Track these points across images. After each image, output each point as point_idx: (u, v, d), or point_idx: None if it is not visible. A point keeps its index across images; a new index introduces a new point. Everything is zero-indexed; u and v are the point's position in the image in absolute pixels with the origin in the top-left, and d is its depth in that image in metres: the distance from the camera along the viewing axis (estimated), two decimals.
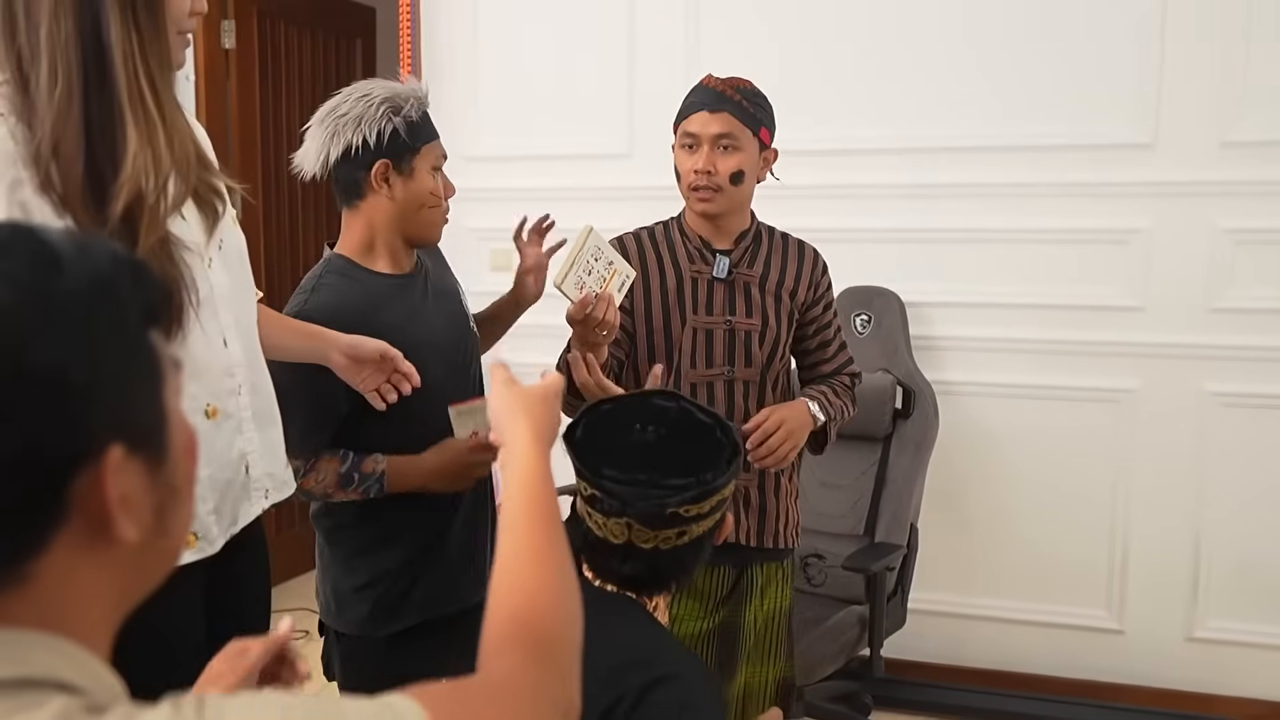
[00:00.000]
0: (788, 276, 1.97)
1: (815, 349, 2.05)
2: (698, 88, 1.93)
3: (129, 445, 0.60)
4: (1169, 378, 2.85)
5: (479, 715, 0.70)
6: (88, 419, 0.58)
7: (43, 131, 1.22)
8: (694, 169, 1.88)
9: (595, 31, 3.19)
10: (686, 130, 1.90)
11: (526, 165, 3.25)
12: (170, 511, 0.65)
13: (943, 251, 2.98)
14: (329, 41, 4.11)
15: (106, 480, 0.59)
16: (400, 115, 1.72)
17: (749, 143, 1.89)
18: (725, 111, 1.87)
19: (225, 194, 1.44)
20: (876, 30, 2.98)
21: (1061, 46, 2.85)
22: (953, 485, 3.01)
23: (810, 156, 3.02)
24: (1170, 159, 2.80)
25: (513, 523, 0.87)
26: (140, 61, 1.25)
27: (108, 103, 1.24)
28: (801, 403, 1.93)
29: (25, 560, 0.58)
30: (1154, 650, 2.92)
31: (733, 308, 1.93)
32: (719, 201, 1.89)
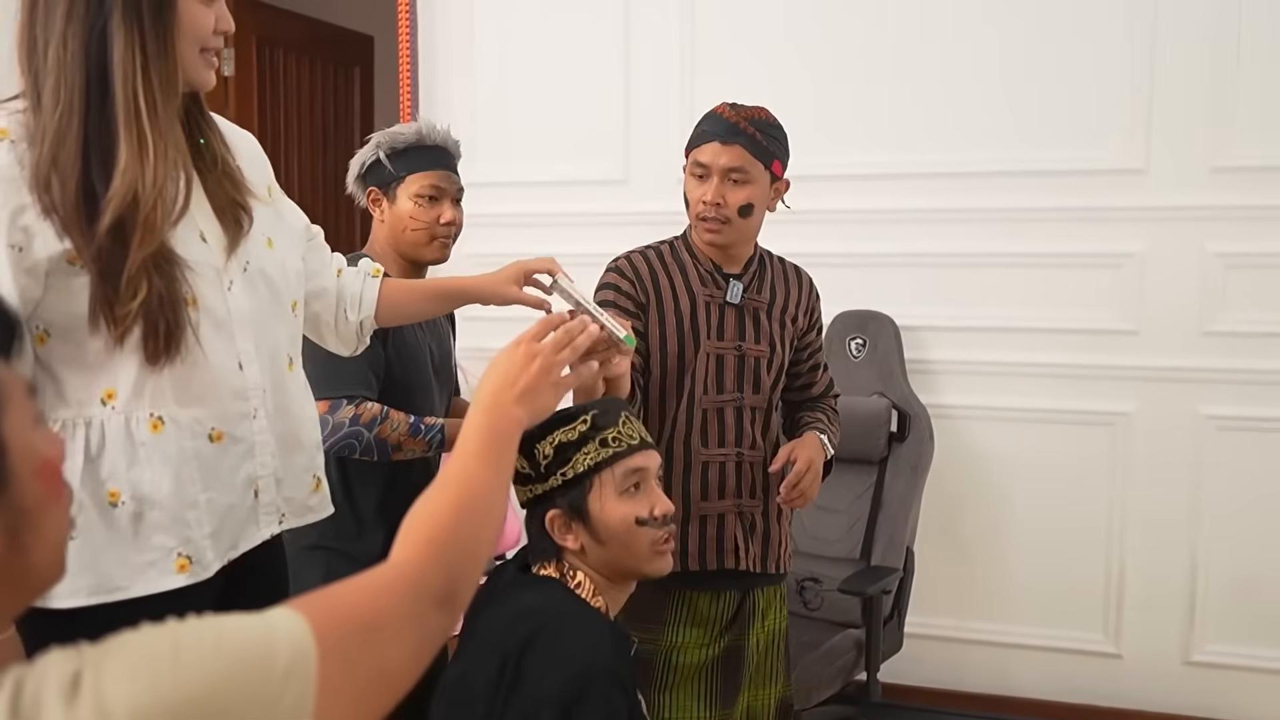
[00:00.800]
0: (790, 303, 1.99)
1: (807, 372, 2.06)
2: (711, 116, 1.91)
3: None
4: (1163, 401, 2.87)
5: (355, 610, 0.74)
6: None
7: (43, 150, 1.24)
8: (703, 199, 1.87)
9: (591, 58, 3.22)
10: (698, 160, 1.89)
11: (523, 191, 3.27)
12: (25, 531, 0.66)
13: (937, 276, 3.00)
14: (327, 69, 4.14)
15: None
16: (389, 150, 2.02)
17: (760, 175, 1.88)
18: (738, 145, 1.86)
19: (251, 211, 1.43)
20: (870, 59, 3.01)
21: (1054, 74, 2.88)
22: (948, 509, 3.01)
23: (805, 182, 3.03)
24: (1162, 184, 2.83)
25: (459, 453, 1.04)
26: (141, 81, 1.26)
27: (106, 122, 1.25)
28: (814, 437, 1.95)
29: None
30: (1152, 674, 2.91)
31: (743, 333, 1.93)
32: (726, 234, 1.89)
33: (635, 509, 1.49)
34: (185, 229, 1.33)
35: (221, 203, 1.40)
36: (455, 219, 2.06)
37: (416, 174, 2.02)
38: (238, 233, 1.41)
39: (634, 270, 1.92)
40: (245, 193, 1.43)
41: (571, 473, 1.49)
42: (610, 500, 1.49)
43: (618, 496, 1.49)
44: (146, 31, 1.27)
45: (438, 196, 2.03)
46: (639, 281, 1.91)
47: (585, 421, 1.51)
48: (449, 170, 2.06)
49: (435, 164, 2.04)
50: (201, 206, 1.38)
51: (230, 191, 1.41)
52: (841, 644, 2.61)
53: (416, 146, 2.04)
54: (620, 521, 1.48)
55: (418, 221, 2.02)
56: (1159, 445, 2.87)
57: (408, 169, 2.03)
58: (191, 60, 1.34)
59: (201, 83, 1.37)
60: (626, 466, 1.49)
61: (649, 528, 1.48)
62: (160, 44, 1.28)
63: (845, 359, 2.98)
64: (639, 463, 1.50)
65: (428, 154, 2.04)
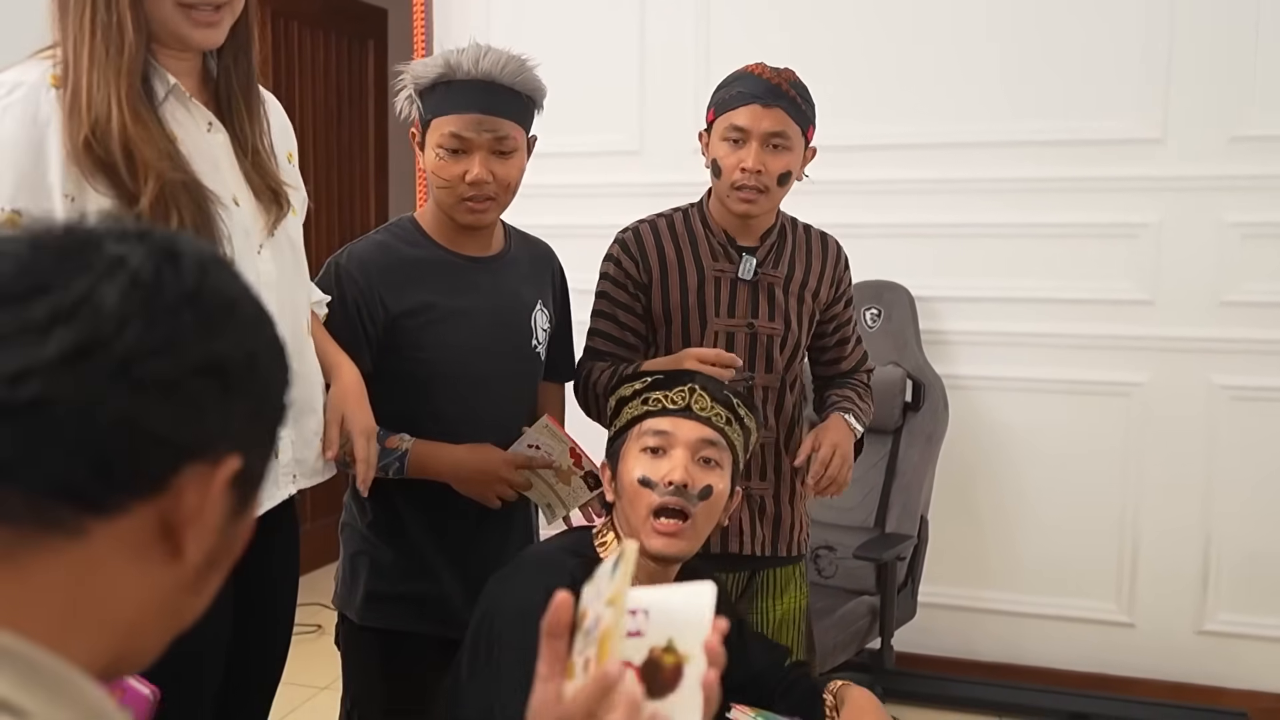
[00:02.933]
0: (811, 276, 1.88)
1: (834, 346, 1.97)
2: (747, 77, 1.76)
3: (242, 466, 0.62)
4: (1178, 371, 2.86)
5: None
6: (233, 419, 0.61)
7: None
8: (742, 166, 1.73)
9: (606, 29, 3.21)
10: (734, 123, 1.74)
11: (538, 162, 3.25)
12: (214, 568, 0.64)
13: (953, 246, 2.99)
14: (341, 42, 4.14)
15: (215, 484, 0.60)
16: (416, 86, 1.67)
17: (798, 142, 1.77)
18: (780, 108, 1.73)
19: (287, 194, 1.44)
20: (886, 26, 2.99)
21: (1071, 42, 2.86)
22: (962, 479, 3.02)
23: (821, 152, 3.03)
24: (1179, 154, 2.82)
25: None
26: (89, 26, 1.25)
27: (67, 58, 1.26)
28: (840, 419, 1.86)
29: (102, 510, 0.57)
30: (1164, 643, 2.93)
31: (756, 310, 1.83)
32: (761, 203, 1.77)
33: (645, 468, 1.47)
34: (217, 189, 1.34)
35: (258, 186, 1.41)
36: (485, 175, 1.64)
37: (440, 118, 1.64)
38: (278, 213, 1.42)
39: (639, 244, 1.83)
40: (279, 179, 1.44)
41: (618, 425, 1.55)
42: (631, 455, 1.50)
43: (638, 453, 1.49)
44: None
45: (463, 149, 1.64)
46: (642, 259, 1.83)
47: (645, 381, 1.55)
48: (485, 112, 1.63)
49: (462, 105, 1.63)
50: (237, 178, 1.39)
51: (265, 178, 1.42)
52: (856, 610, 2.63)
53: (442, 82, 1.64)
54: (628, 475, 1.48)
55: (439, 178, 1.66)
56: (1174, 415, 2.87)
57: (433, 111, 1.65)
58: (170, 15, 1.29)
59: (189, 40, 1.32)
60: (654, 426, 1.50)
61: (653, 492, 1.45)
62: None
63: (860, 329, 2.98)
64: (666, 426, 1.49)
65: (455, 93, 1.63)
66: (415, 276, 1.70)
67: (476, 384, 1.71)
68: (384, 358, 1.69)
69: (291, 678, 1.65)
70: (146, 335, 0.57)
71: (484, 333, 1.71)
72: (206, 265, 0.62)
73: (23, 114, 1.25)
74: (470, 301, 1.70)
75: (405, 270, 1.70)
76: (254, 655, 1.52)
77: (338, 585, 1.82)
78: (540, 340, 1.81)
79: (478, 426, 1.72)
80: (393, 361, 1.68)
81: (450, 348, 1.70)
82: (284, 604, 1.58)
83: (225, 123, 1.40)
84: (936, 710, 2.92)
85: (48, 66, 1.28)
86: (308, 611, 3.38)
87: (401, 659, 1.74)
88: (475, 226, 1.71)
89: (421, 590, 1.74)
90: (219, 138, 1.39)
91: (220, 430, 0.60)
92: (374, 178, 4.37)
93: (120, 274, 0.58)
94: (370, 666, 1.77)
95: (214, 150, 1.38)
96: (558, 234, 2.06)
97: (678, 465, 1.45)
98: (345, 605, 1.79)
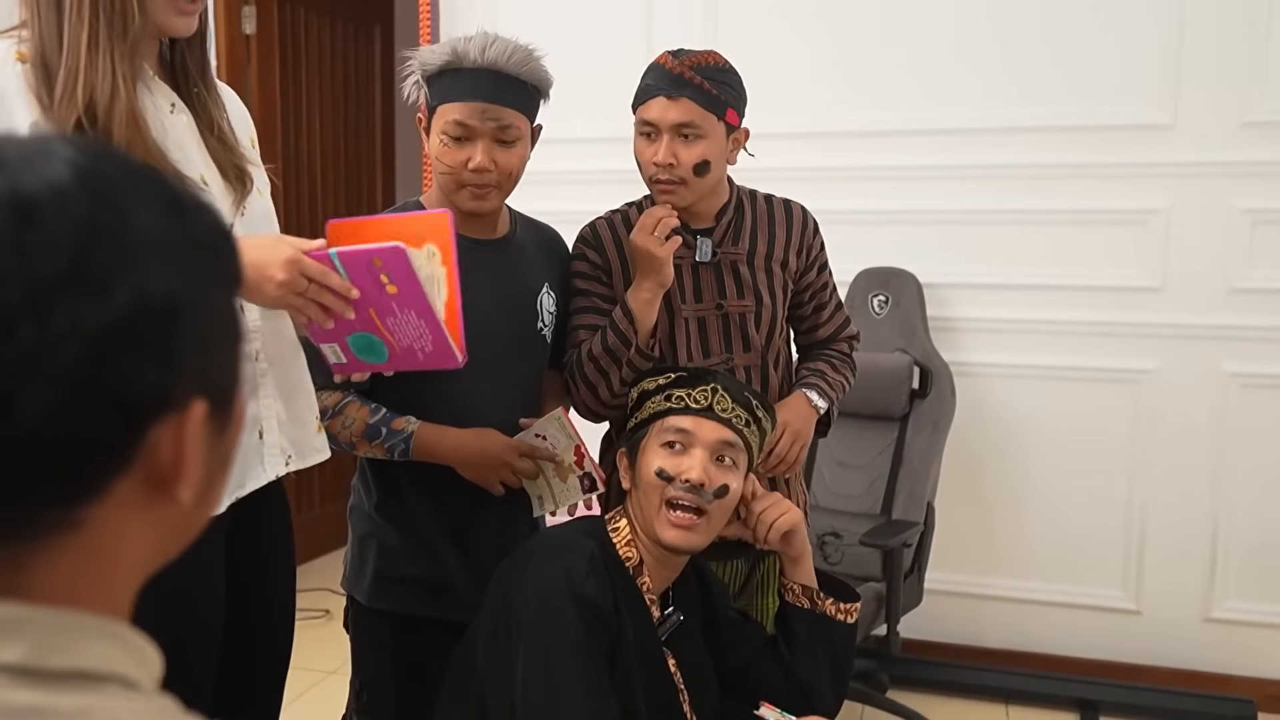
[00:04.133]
0: (777, 246, 1.84)
1: (810, 314, 1.93)
2: (654, 69, 1.75)
3: (210, 403, 0.59)
4: (1187, 358, 2.86)
5: None
6: (186, 364, 0.57)
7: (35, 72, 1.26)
8: (654, 160, 1.72)
9: (614, 14, 3.20)
10: (644, 118, 1.73)
11: (543, 150, 3.25)
12: (216, 480, 0.64)
13: (960, 233, 2.98)
14: (347, 28, 4.13)
15: (187, 433, 0.57)
16: (423, 72, 1.68)
17: (714, 128, 1.72)
18: (684, 97, 1.70)
19: (249, 171, 1.45)
20: (894, 12, 2.98)
21: (1081, 27, 2.85)
22: (970, 466, 3.02)
23: (829, 138, 3.03)
24: (1189, 140, 2.80)
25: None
26: (89, 13, 1.26)
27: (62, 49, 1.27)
28: (800, 397, 1.84)
29: (84, 502, 0.56)
30: (1171, 630, 2.93)
31: (723, 291, 1.81)
32: (682, 194, 1.74)
33: (664, 461, 1.52)
34: (185, 170, 1.35)
35: (222, 162, 1.42)
36: (487, 164, 1.65)
37: (445, 105, 1.65)
38: (242, 191, 1.43)
39: (596, 239, 1.84)
40: (242, 156, 1.45)
41: (639, 417, 1.60)
42: (651, 448, 1.55)
43: (658, 447, 1.55)
44: None
45: (466, 136, 1.65)
46: (601, 250, 1.83)
47: (669, 377, 1.59)
48: (489, 101, 1.64)
49: (467, 94, 1.64)
50: (204, 158, 1.40)
51: (228, 154, 1.42)
52: (862, 596, 2.63)
53: (449, 70, 1.65)
54: (647, 468, 1.54)
55: (442, 164, 1.68)
56: (1182, 402, 2.87)
57: (439, 98, 1.66)
58: (159, 4, 1.32)
59: (169, 28, 1.35)
60: (676, 423, 1.55)
61: (670, 487, 1.51)
62: None
63: (868, 315, 2.98)
64: (687, 424, 1.54)
65: (461, 81, 1.64)
66: None
67: (482, 365, 1.69)
68: None
69: (300, 662, 1.66)
70: (40, 330, 0.51)
71: (489, 314, 1.71)
72: (78, 220, 0.54)
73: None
74: (475, 283, 1.69)
75: None
76: (257, 635, 1.52)
77: (346, 568, 1.84)
78: (546, 323, 1.82)
79: (485, 408, 1.72)
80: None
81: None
82: (279, 580, 1.57)
83: (187, 103, 1.41)
84: (943, 697, 2.93)
85: (11, 44, 1.29)
86: (316, 596, 3.39)
87: (410, 640, 1.75)
88: (477, 213, 1.72)
89: (427, 573, 1.75)
90: (182, 118, 1.40)
91: (167, 382, 0.56)
92: (380, 162, 4.36)
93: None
94: (379, 648, 1.79)
95: (179, 131, 1.38)
96: (569, 219, 2.06)
97: (696, 464, 1.51)
98: (354, 587, 1.81)
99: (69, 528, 0.56)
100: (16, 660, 0.53)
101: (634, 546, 1.55)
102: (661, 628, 1.55)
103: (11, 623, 0.54)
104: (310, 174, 3.95)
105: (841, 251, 2.27)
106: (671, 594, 1.61)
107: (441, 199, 1.74)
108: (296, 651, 1.61)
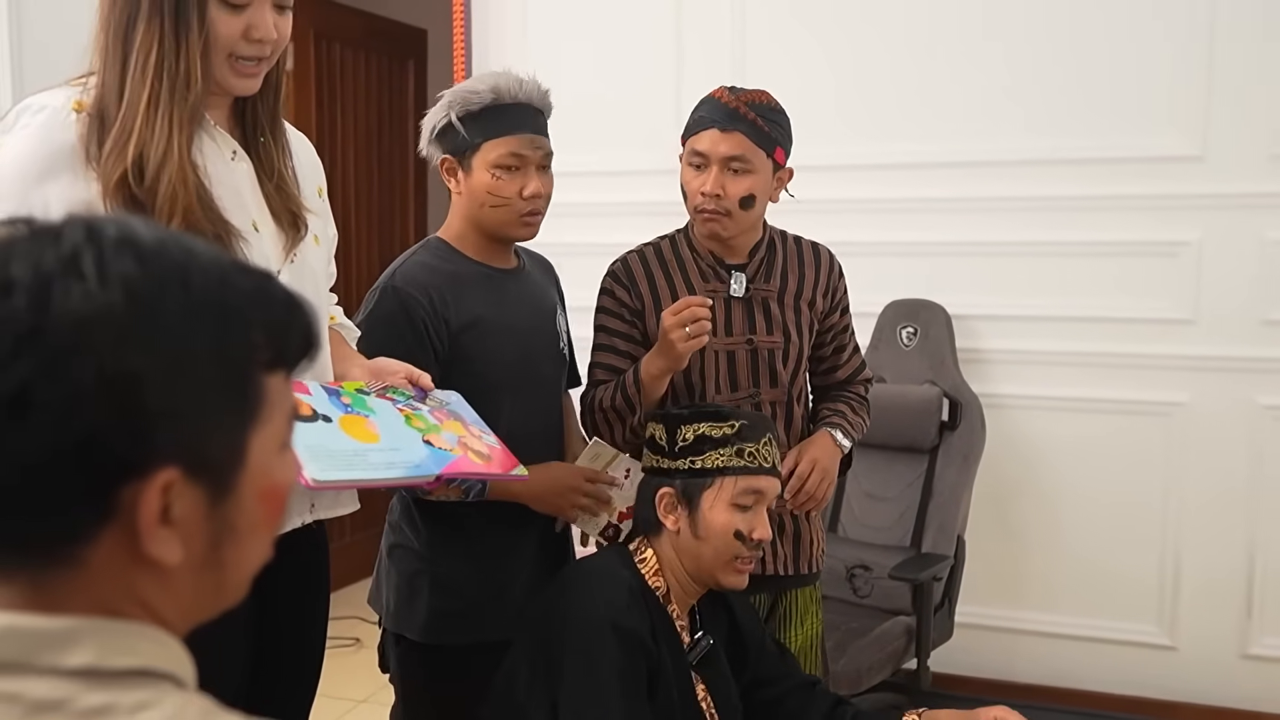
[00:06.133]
0: (806, 285, 1.89)
1: (830, 354, 1.96)
2: (709, 101, 1.80)
3: (188, 471, 0.61)
4: (1220, 391, 2.83)
5: None
6: (151, 435, 0.59)
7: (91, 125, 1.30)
8: (701, 190, 1.76)
9: (644, 48, 3.24)
10: (695, 148, 1.77)
11: (575, 181, 3.28)
12: (226, 547, 0.65)
13: (990, 264, 2.98)
14: (382, 63, 4.20)
15: (145, 497, 0.60)
16: (461, 112, 1.73)
17: (762, 164, 1.77)
18: (738, 131, 1.74)
19: (305, 218, 1.47)
20: (923, 43, 3.00)
21: (1110, 60, 2.85)
22: (1000, 499, 3.00)
23: (857, 170, 3.05)
24: (1219, 171, 2.79)
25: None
26: (153, 75, 1.29)
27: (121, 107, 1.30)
28: (826, 435, 1.86)
29: (70, 543, 0.60)
30: (1207, 667, 2.88)
31: (753, 326, 1.84)
32: (727, 226, 1.78)
33: (740, 522, 1.57)
34: (237, 218, 1.37)
35: (277, 208, 1.44)
36: (540, 189, 1.74)
37: (493, 140, 1.72)
38: (295, 236, 1.45)
39: (629, 275, 1.86)
40: (299, 203, 1.47)
41: (700, 464, 1.60)
42: (722, 505, 1.58)
43: (730, 505, 1.58)
44: (165, 31, 1.29)
45: (519, 166, 1.73)
46: (633, 286, 1.85)
47: (733, 426, 1.61)
48: (534, 132, 1.75)
49: (515, 127, 1.73)
50: (259, 204, 1.43)
51: (286, 201, 1.45)
52: (892, 630, 2.62)
53: (493, 107, 1.73)
54: (723, 526, 1.57)
55: (497, 196, 1.73)
56: (1215, 435, 2.84)
57: (483, 134, 1.72)
58: (219, 66, 1.35)
59: (230, 88, 1.38)
60: (751, 484, 1.59)
61: (742, 545, 1.57)
62: (177, 43, 1.30)
63: (897, 347, 2.98)
64: (762, 486, 1.60)
65: (506, 116, 1.73)
66: (464, 291, 1.76)
67: (525, 391, 1.77)
68: (443, 374, 1.71)
69: (329, 690, 1.67)
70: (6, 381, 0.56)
71: (525, 341, 1.79)
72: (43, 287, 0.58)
73: (40, 136, 1.30)
74: (511, 312, 1.78)
75: (456, 286, 1.76)
76: (283, 674, 1.52)
77: (390, 606, 1.82)
78: (565, 341, 1.91)
79: (531, 433, 1.76)
80: (451, 378, 1.70)
81: (499, 358, 1.76)
82: (310, 622, 1.57)
83: (250, 151, 1.44)
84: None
85: (74, 93, 1.32)
86: (345, 625, 3.41)
87: (465, 672, 1.75)
88: (528, 239, 1.82)
89: (486, 601, 1.77)
90: (242, 166, 1.43)
91: (133, 452, 0.59)
92: (414, 194, 4.42)
93: None
94: (434, 684, 1.78)
95: (235, 178, 1.41)
96: (596, 253, 2.09)
97: (764, 523, 1.60)
98: (403, 625, 1.79)
99: (72, 564, 0.61)
100: (85, 664, 0.59)
101: (661, 576, 1.58)
102: (692, 652, 1.56)
103: (72, 632, 0.59)
104: (344, 206, 4.01)
105: (870, 283, 2.29)
106: (699, 617, 1.62)
107: (473, 234, 1.80)
108: (326, 679, 1.62)
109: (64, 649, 0.59)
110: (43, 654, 0.58)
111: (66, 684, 0.58)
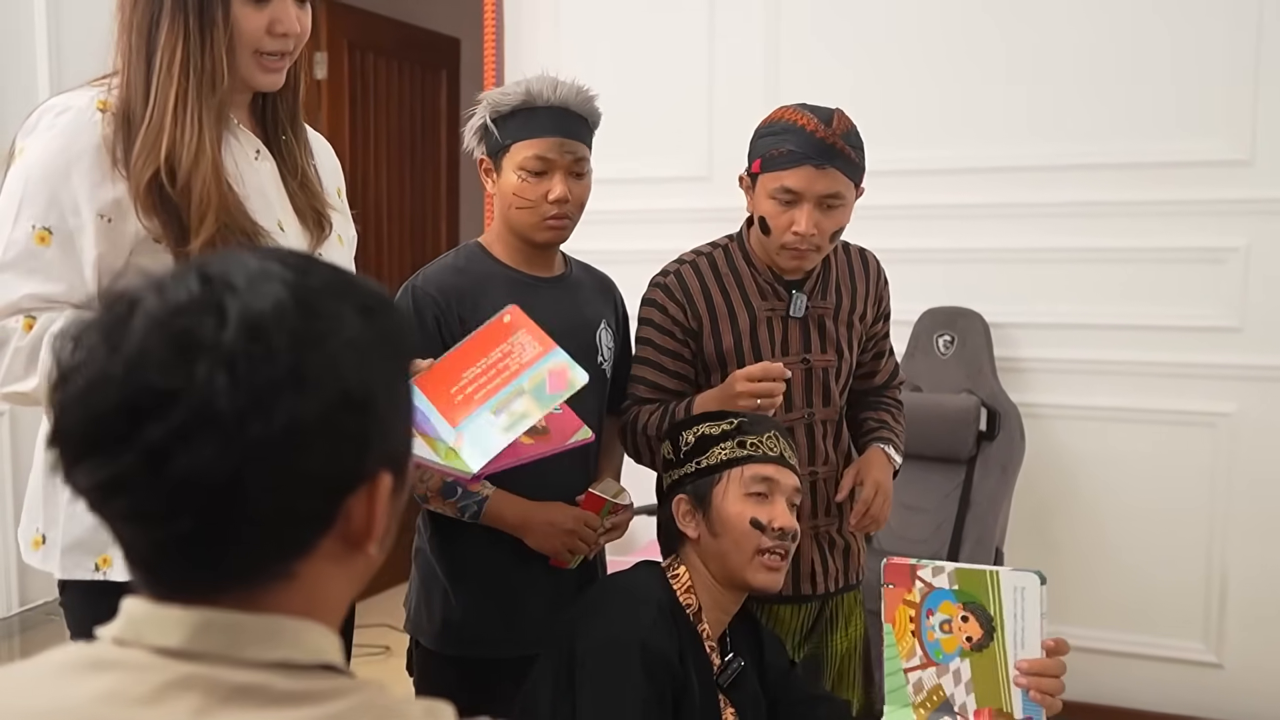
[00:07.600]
0: (858, 300, 1.85)
1: (870, 360, 1.92)
2: (795, 132, 1.66)
3: (394, 470, 0.70)
4: (1268, 400, 2.76)
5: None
6: (376, 446, 0.67)
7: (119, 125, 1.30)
8: (795, 229, 1.66)
9: (676, 55, 3.22)
10: (786, 185, 1.66)
11: (608, 189, 3.26)
12: (390, 535, 0.73)
13: (1029, 271, 2.93)
14: (415, 72, 4.22)
15: (377, 502, 0.68)
16: (494, 113, 1.74)
17: (852, 196, 1.71)
18: (835, 168, 1.65)
19: (330, 217, 1.48)
20: (961, 48, 2.96)
21: (1154, 63, 2.80)
22: (1040, 511, 2.94)
23: (895, 177, 3.00)
24: (1267, 175, 2.73)
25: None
26: (179, 73, 1.29)
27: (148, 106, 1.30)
28: (879, 453, 1.83)
29: (297, 559, 0.67)
30: (1255, 686, 2.81)
31: (809, 345, 1.79)
32: (812, 259, 1.73)
33: (755, 511, 1.54)
34: (264, 218, 1.37)
35: (302, 206, 1.44)
36: (566, 194, 1.71)
37: (521, 142, 1.72)
38: (320, 235, 1.45)
39: (685, 291, 1.77)
40: (324, 201, 1.48)
41: (705, 463, 1.58)
42: (734, 496, 1.55)
43: (742, 496, 1.55)
44: (190, 29, 1.30)
45: (545, 170, 1.71)
46: (689, 304, 1.77)
47: (732, 423, 1.59)
48: (565, 136, 1.72)
49: (545, 130, 1.71)
50: (283, 203, 1.43)
51: (310, 199, 1.45)
52: None
53: (524, 109, 1.72)
54: (736, 517, 1.53)
55: (521, 199, 1.72)
56: (1263, 446, 2.77)
57: (513, 136, 1.72)
58: (245, 62, 1.35)
59: (255, 84, 1.38)
60: (759, 472, 1.55)
61: (763, 535, 1.53)
62: (202, 41, 1.30)
63: (933, 356, 2.93)
64: (770, 473, 1.56)
65: (536, 118, 1.72)
66: (489, 295, 1.73)
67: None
68: None
69: None
70: (265, 428, 0.62)
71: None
72: (296, 335, 0.65)
73: (66, 136, 1.30)
74: (540, 319, 1.69)
75: (480, 289, 1.75)
76: None
77: (410, 610, 1.83)
78: (606, 358, 1.84)
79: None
80: None
81: None
82: None
83: (273, 150, 1.44)
84: None
85: (97, 93, 1.32)
86: (375, 633, 3.41)
87: (479, 685, 1.74)
88: (553, 244, 1.79)
89: (495, 616, 1.74)
90: (266, 165, 1.43)
91: (361, 461, 0.67)
92: (445, 202, 4.43)
93: (218, 374, 0.62)
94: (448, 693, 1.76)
95: (260, 177, 1.41)
96: (629, 260, 2.07)
97: (783, 512, 1.55)
98: (419, 631, 1.80)
99: (286, 578, 0.67)
100: (282, 658, 0.66)
101: (693, 594, 1.55)
102: (723, 675, 1.53)
103: (274, 630, 0.66)
104: (377, 215, 4.02)
105: (906, 291, 2.25)
106: (730, 639, 1.59)
107: (508, 237, 1.78)
108: None
109: (266, 644, 0.65)
110: (247, 648, 0.64)
111: (265, 674, 0.64)
